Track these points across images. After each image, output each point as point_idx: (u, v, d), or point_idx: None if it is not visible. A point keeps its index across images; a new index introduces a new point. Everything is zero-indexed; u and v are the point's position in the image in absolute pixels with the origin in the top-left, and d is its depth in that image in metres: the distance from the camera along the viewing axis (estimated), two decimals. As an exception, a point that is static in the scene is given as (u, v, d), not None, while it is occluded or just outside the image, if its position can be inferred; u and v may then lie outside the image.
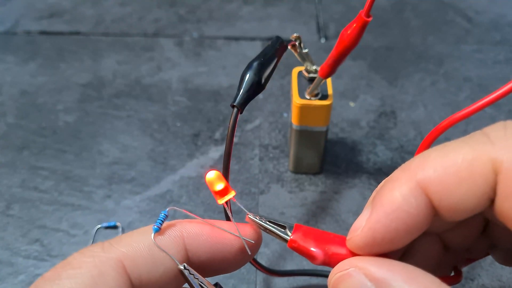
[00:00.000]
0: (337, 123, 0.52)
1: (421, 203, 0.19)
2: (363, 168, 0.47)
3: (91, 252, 0.19)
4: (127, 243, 0.20)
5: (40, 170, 0.47)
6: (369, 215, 0.20)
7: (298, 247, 0.22)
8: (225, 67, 0.58)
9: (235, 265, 0.23)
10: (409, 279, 0.18)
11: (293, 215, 0.44)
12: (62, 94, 0.55)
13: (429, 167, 0.19)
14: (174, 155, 0.49)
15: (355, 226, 0.20)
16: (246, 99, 0.28)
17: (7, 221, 0.44)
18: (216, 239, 0.22)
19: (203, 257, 0.21)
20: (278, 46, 0.32)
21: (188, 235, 0.21)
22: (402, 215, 0.19)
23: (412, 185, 0.19)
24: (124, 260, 0.19)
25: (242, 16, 0.65)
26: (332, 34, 0.62)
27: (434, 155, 0.19)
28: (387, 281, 0.19)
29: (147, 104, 0.54)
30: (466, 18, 0.64)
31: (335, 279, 0.20)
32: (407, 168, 0.20)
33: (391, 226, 0.19)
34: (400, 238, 0.20)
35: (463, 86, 0.56)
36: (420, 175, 0.19)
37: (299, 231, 0.22)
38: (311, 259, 0.22)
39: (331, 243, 0.22)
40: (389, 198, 0.19)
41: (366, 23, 0.32)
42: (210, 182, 0.22)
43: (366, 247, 0.20)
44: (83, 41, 0.61)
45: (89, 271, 0.18)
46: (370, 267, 0.19)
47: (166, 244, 0.21)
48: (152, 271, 0.20)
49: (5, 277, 0.40)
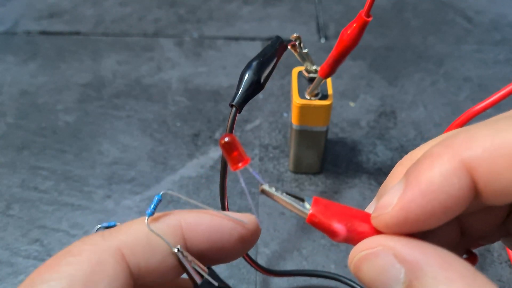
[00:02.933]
0: (337, 123, 0.52)
1: (464, 185, 0.17)
2: (363, 168, 0.47)
3: (91, 241, 0.19)
4: (126, 232, 0.20)
5: (40, 170, 0.47)
6: (402, 192, 0.18)
7: (318, 222, 0.20)
8: (225, 67, 0.58)
9: (234, 255, 0.22)
10: (444, 264, 0.17)
11: (293, 215, 0.44)
12: (62, 94, 0.55)
13: (477, 145, 0.17)
14: (174, 155, 0.49)
15: (384, 203, 0.18)
16: (245, 98, 0.28)
17: (7, 221, 0.44)
18: (215, 229, 0.21)
19: (201, 246, 0.21)
20: (278, 46, 0.32)
21: (186, 224, 0.21)
22: (441, 196, 0.17)
23: (456, 164, 0.17)
24: (123, 249, 0.19)
25: (242, 16, 0.65)
26: (332, 34, 0.62)
27: (484, 132, 0.17)
28: (419, 265, 0.17)
29: (147, 104, 0.54)
30: (466, 18, 0.64)
31: (358, 257, 0.19)
32: (450, 145, 0.18)
33: (427, 207, 0.17)
34: (434, 220, 0.18)
35: (463, 86, 0.56)
36: (466, 153, 0.17)
37: (319, 204, 0.20)
38: (332, 235, 0.20)
39: (354, 219, 0.20)
40: (428, 176, 0.17)
41: (366, 23, 0.32)
42: (224, 147, 0.20)
43: (396, 226, 0.18)
44: (83, 41, 0.61)
45: (88, 258, 0.18)
46: (400, 247, 0.18)
47: (163, 232, 0.20)
48: (151, 258, 0.20)
49: (5, 277, 0.40)
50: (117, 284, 0.19)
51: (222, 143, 0.20)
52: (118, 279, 0.19)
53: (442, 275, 0.16)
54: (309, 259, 0.41)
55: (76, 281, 0.18)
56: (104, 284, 0.18)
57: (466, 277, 0.16)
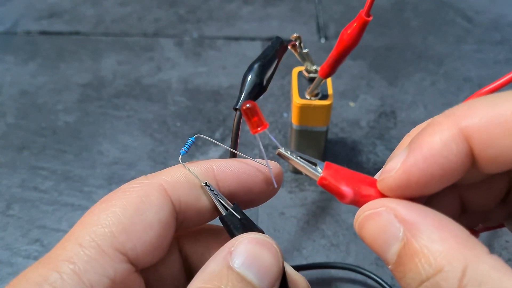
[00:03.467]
0: (337, 123, 0.52)
1: (461, 151, 0.19)
2: (363, 168, 0.47)
3: (137, 180, 0.22)
4: (166, 173, 0.23)
5: (40, 170, 0.47)
6: (405, 157, 0.19)
7: (328, 184, 0.22)
8: (225, 67, 0.58)
9: (262, 197, 0.25)
10: (439, 225, 0.18)
11: (293, 215, 0.44)
12: (62, 94, 0.55)
13: (475, 115, 0.18)
14: (174, 155, 0.49)
15: (389, 167, 0.20)
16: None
17: (7, 221, 0.44)
18: (243, 171, 0.24)
19: (232, 187, 0.24)
20: (278, 47, 0.32)
21: (217, 167, 0.23)
22: (440, 160, 0.19)
23: (455, 132, 0.19)
24: (165, 185, 0.22)
25: (242, 16, 0.65)
26: (332, 34, 0.62)
27: (482, 104, 0.19)
28: (416, 225, 0.18)
29: (147, 104, 0.54)
30: (466, 18, 0.64)
31: (363, 216, 0.20)
32: (451, 114, 0.19)
33: (427, 171, 0.19)
34: (433, 184, 0.19)
35: (463, 86, 0.56)
36: (464, 122, 0.19)
37: (330, 169, 0.22)
38: (340, 197, 0.22)
39: (361, 183, 0.22)
40: (429, 142, 0.19)
41: (366, 22, 0.32)
42: (246, 112, 0.22)
43: (398, 189, 0.20)
44: (83, 41, 0.61)
45: (137, 192, 0.21)
46: (401, 209, 0.19)
47: (197, 173, 0.23)
48: (189, 194, 0.23)
49: (5, 277, 0.40)
50: (163, 213, 0.22)
51: (243, 109, 0.22)
52: (163, 208, 0.22)
53: (436, 235, 0.18)
54: (309, 259, 0.41)
55: (128, 210, 0.21)
56: (152, 212, 0.21)
57: (459, 237, 0.18)
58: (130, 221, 0.21)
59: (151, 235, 0.21)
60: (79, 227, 0.21)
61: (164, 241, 0.22)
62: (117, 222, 0.20)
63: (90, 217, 0.21)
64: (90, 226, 0.20)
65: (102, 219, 0.20)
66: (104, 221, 0.20)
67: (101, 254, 0.20)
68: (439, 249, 0.17)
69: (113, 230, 0.20)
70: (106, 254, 0.20)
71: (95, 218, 0.21)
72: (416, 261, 0.18)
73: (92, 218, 0.21)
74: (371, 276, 0.38)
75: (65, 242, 0.20)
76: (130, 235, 0.20)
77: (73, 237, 0.20)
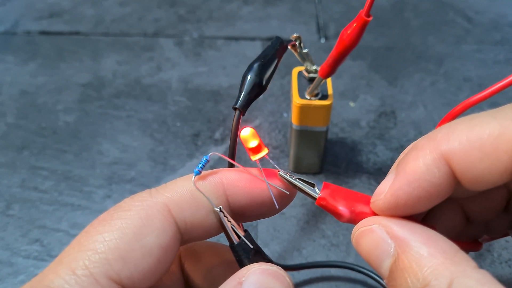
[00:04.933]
0: (337, 123, 0.52)
1: (443, 174, 0.19)
2: (363, 168, 0.47)
3: (140, 197, 0.21)
4: (172, 189, 0.22)
5: (40, 170, 0.47)
6: (392, 181, 0.20)
7: (326, 205, 0.23)
8: (225, 67, 0.58)
9: (273, 210, 0.24)
10: (428, 241, 0.19)
11: (293, 215, 0.44)
12: (62, 94, 0.55)
13: (454, 139, 0.19)
14: (174, 155, 0.49)
15: (378, 190, 0.21)
16: (248, 101, 0.28)
17: (7, 221, 0.44)
18: (254, 185, 0.23)
19: (242, 202, 0.23)
20: (278, 47, 0.32)
21: (227, 181, 0.23)
22: (424, 184, 0.20)
23: (436, 156, 0.19)
24: (169, 204, 0.21)
25: (242, 16, 0.65)
26: (332, 34, 0.62)
27: (461, 127, 0.19)
28: (406, 241, 0.19)
29: (147, 104, 0.54)
30: (466, 18, 0.64)
31: (358, 233, 0.21)
32: (432, 138, 0.20)
33: (413, 194, 0.20)
34: (421, 204, 0.20)
35: (463, 86, 0.56)
36: (444, 146, 0.19)
37: (327, 189, 0.23)
38: (338, 217, 0.23)
39: (357, 202, 0.23)
40: (413, 166, 0.20)
41: (366, 22, 0.32)
42: (244, 139, 0.22)
43: (388, 210, 0.21)
44: (83, 41, 0.61)
45: (138, 213, 0.20)
46: (392, 226, 0.20)
47: (206, 189, 0.22)
48: (196, 214, 0.21)
49: (5, 277, 0.40)
50: (165, 237, 0.20)
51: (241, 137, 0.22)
52: (166, 232, 0.21)
53: (425, 250, 0.19)
54: (309, 259, 0.41)
55: (127, 234, 0.20)
56: (152, 237, 0.20)
57: (447, 252, 0.18)
58: (128, 247, 0.20)
59: (150, 261, 0.20)
60: (74, 249, 0.20)
61: (164, 265, 0.21)
62: (114, 248, 0.19)
63: (86, 238, 0.20)
64: (85, 250, 0.19)
65: (98, 243, 0.19)
66: (99, 246, 0.19)
67: (94, 284, 0.19)
68: (427, 264, 0.18)
69: (109, 257, 0.19)
70: (98, 283, 0.19)
71: (91, 241, 0.20)
72: (405, 275, 0.19)
73: (88, 240, 0.20)
74: (371, 275, 0.38)
75: (58, 265, 0.19)
76: (126, 263, 0.19)
77: (66, 260, 0.19)
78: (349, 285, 0.40)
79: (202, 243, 0.26)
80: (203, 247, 0.25)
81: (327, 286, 0.39)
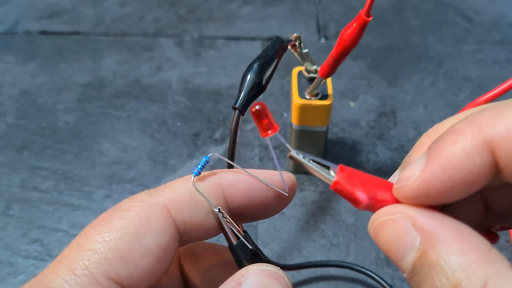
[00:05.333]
0: (337, 123, 0.52)
1: (485, 163, 0.17)
2: (363, 168, 0.47)
3: (139, 198, 0.21)
4: (171, 190, 0.21)
5: (40, 170, 0.47)
6: (423, 166, 0.18)
7: (342, 189, 0.21)
8: (225, 67, 0.58)
9: (273, 210, 0.24)
10: (459, 236, 0.17)
11: (293, 215, 0.44)
12: (62, 94, 0.55)
13: (501, 124, 0.17)
14: (174, 155, 0.49)
15: (406, 175, 0.19)
16: (248, 101, 0.28)
17: (7, 221, 0.44)
18: (253, 186, 0.22)
19: (241, 203, 0.22)
20: (278, 47, 0.32)
21: (226, 182, 0.22)
22: (462, 172, 0.18)
23: (479, 141, 0.17)
24: (168, 205, 0.21)
25: (242, 16, 0.65)
26: (332, 34, 0.62)
27: (509, 111, 0.17)
28: (435, 235, 0.17)
29: (147, 104, 0.54)
30: (466, 18, 0.64)
31: (379, 222, 0.19)
32: (474, 122, 0.18)
33: (448, 182, 0.18)
34: (453, 194, 0.18)
35: (463, 86, 0.56)
36: (489, 131, 0.17)
37: (343, 172, 0.21)
38: (355, 203, 0.21)
39: (377, 188, 0.20)
40: (450, 151, 0.18)
41: (366, 22, 0.32)
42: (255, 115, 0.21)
43: (416, 199, 0.19)
44: (83, 41, 0.61)
45: (137, 213, 0.20)
46: (419, 217, 0.18)
47: (205, 190, 0.22)
48: (195, 215, 0.21)
49: (5, 277, 0.40)
50: (164, 237, 0.20)
51: (253, 111, 0.21)
52: (165, 232, 0.20)
53: (456, 247, 0.17)
54: (309, 259, 0.41)
55: (126, 234, 0.20)
56: (152, 237, 0.20)
57: (480, 250, 0.17)
58: (127, 247, 0.19)
59: (149, 261, 0.20)
60: (74, 249, 0.20)
61: (163, 265, 0.21)
62: (113, 248, 0.19)
63: (86, 238, 0.20)
64: (84, 250, 0.19)
65: (97, 243, 0.19)
66: (99, 246, 0.19)
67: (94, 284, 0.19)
68: (458, 262, 0.17)
69: (108, 258, 0.19)
70: (98, 283, 0.19)
71: (91, 241, 0.20)
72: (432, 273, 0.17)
73: (88, 240, 0.20)
74: (371, 275, 0.38)
75: (58, 266, 0.19)
76: (126, 263, 0.19)
77: (66, 260, 0.19)
78: (349, 285, 0.40)
79: (201, 244, 0.25)
80: (202, 248, 0.25)
81: (327, 286, 0.39)
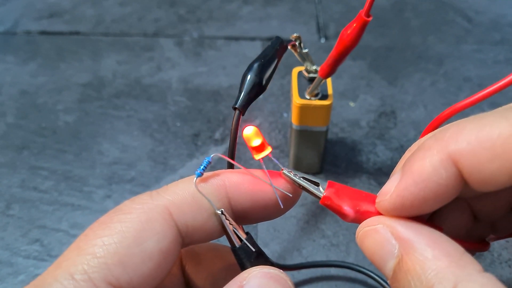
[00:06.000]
0: (337, 123, 0.52)
1: (451, 175, 0.19)
2: (363, 168, 0.47)
3: (140, 200, 0.21)
4: (173, 191, 0.21)
5: (40, 170, 0.47)
6: (398, 181, 0.20)
7: (331, 204, 0.22)
8: (225, 67, 0.58)
9: (276, 212, 0.24)
10: (433, 243, 0.19)
11: (293, 215, 0.44)
12: (62, 94, 0.55)
13: (462, 139, 0.19)
14: (174, 155, 0.49)
15: (384, 190, 0.21)
16: (248, 101, 0.28)
17: (7, 221, 0.44)
18: (257, 187, 0.23)
19: (245, 205, 0.22)
20: (278, 47, 0.32)
21: (230, 184, 0.22)
22: (431, 184, 0.19)
23: (444, 156, 0.19)
24: (170, 207, 0.21)
25: (242, 16, 0.65)
26: (332, 34, 0.62)
27: (470, 126, 0.19)
28: (411, 242, 0.19)
29: (147, 104, 0.54)
30: (466, 18, 0.64)
31: (362, 232, 0.21)
32: (440, 138, 0.20)
33: (419, 195, 0.19)
34: (427, 205, 0.20)
35: (463, 86, 0.56)
36: (452, 146, 0.19)
37: (332, 188, 0.23)
38: (343, 217, 0.22)
39: (362, 201, 0.22)
40: (419, 167, 0.19)
41: (366, 22, 0.32)
42: (247, 138, 0.22)
43: (394, 211, 0.21)
44: (83, 41, 0.61)
45: (138, 216, 0.20)
46: (397, 226, 0.20)
47: (208, 191, 0.22)
48: (197, 217, 0.21)
49: (5, 277, 0.40)
50: (165, 241, 0.20)
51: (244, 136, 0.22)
52: (166, 236, 0.20)
53: (429, 253, 0.18)
54: (309, 259, 0.41)
55: (127, 238, 0.19)
56: (153, 241, 0.20)
57: (452, 255, 0.18)
58: (128, 252, 0.19)
59: (150, 266, 0.20)
60: (73, 252, 0.19)
61: (164, 269, 0.20)
62: (113, 252, 0.19)
63: (85, 242, 0.20)
64: (84, 254, 0.19)
65: (97, 247, 0.19)
66: (99, 251, 0.19)
67: None
68: (431, 267, 0.18)
69: (108, 262, 0.19)
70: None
71: (90, 245, 0.19)
72: (409, 278, 0.18)
73: (87, 244, 0.19)
74: (371, 275, 0.38)
75: (57, 270, 0.19)
76: (126, 267, 0.19)
77: (65, 264, 0.19)
78: (349, 285, 0.40)
79: (203, 245, 0.25)
80: (204, 249, 0.25)
81: (327, 286, 0.39)
